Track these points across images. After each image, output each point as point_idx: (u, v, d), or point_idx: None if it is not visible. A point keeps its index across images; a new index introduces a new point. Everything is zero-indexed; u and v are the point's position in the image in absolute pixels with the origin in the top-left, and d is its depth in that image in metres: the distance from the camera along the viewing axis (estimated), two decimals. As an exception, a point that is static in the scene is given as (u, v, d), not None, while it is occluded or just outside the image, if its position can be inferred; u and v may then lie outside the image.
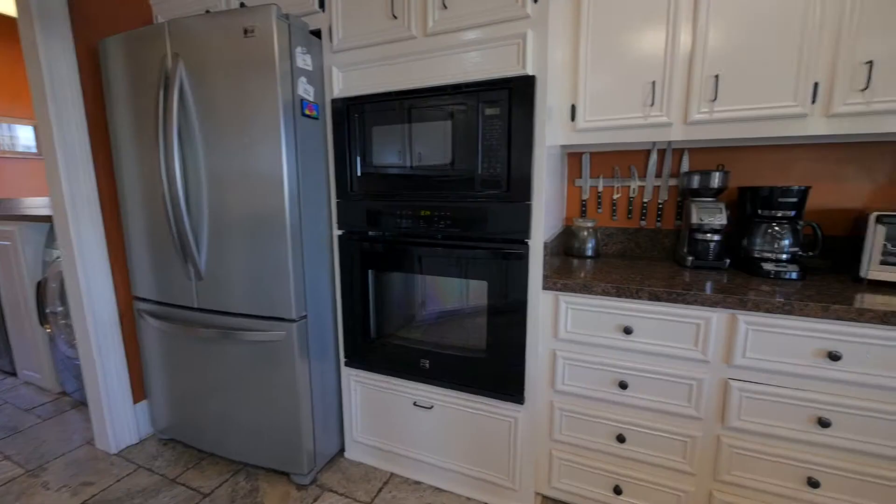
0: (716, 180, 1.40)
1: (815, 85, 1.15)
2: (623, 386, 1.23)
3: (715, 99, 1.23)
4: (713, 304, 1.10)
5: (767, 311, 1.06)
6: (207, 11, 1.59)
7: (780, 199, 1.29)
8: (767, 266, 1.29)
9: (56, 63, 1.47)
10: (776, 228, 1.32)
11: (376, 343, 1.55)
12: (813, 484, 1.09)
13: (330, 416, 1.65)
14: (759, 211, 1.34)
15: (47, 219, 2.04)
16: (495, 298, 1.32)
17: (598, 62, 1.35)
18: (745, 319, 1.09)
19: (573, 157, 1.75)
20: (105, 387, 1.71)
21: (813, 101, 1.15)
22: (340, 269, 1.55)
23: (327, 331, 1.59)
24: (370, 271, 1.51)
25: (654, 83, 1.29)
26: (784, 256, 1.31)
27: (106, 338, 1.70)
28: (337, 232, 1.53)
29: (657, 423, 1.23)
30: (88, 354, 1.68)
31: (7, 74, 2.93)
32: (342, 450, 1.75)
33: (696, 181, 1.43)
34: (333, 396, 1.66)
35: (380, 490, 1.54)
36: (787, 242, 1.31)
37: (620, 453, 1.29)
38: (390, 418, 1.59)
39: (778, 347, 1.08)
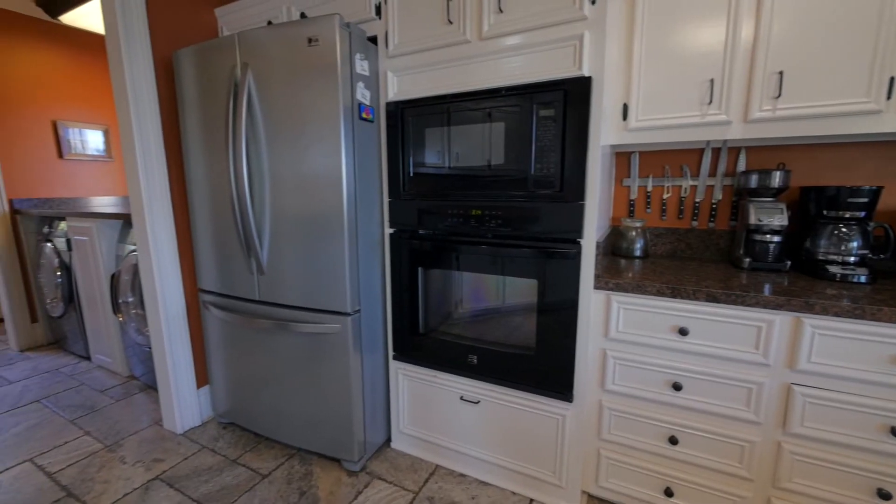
0: (776, 180, 1.35)
1: (892, 80, 1.09)
2: (677, 387, 1.22)
3: (779, 96, 1.20)
4: (776, 306, 1.08)
5: (836, 314, 1.02)
6: (269, 22, 1.69)
7: (849, 200, 1.24)
8: (833, 269, 1.24)
9: (137, 73, 1.61)
10: (843, 230, 1.27)
11: (424, 338, 1.60)
12: (884, 496, 1.04)
13: (378, 408, 1.71)
14: (825, 211, 1.29)
15: (120, 216, 2.22)
16: (546, 297, 1.33)
17: (653, 60, 1.33)
18: (811, 323, 1.06)
19: (621, 157, 1.73)
20: (173, 372, 1.85)
21: (888, 97, 1.10)
22: (391, 266, 1.61)
23: (377, 325, 1.65)
24: (420, 268, 1.56)
25: (712, 80, 1.27)
26: (852, 259, 1.26)
27: (175, 327, 1.84)
28: (388, 230, 1.59)
29: (713, 426, 1.21)
30: (159, 342, 1.82)
31: (79, 83, 3.18)
32: (388, 440, 1.82)
33: (754, 180, 1.39)
34: (381, 388, 1.72)
35: (426, 480, 1.59)
36: (855, 244, 1.26)
37: (672, 455, 1.28)
38: (436, 411, 1.64)
39: (847, 353, 1.04)
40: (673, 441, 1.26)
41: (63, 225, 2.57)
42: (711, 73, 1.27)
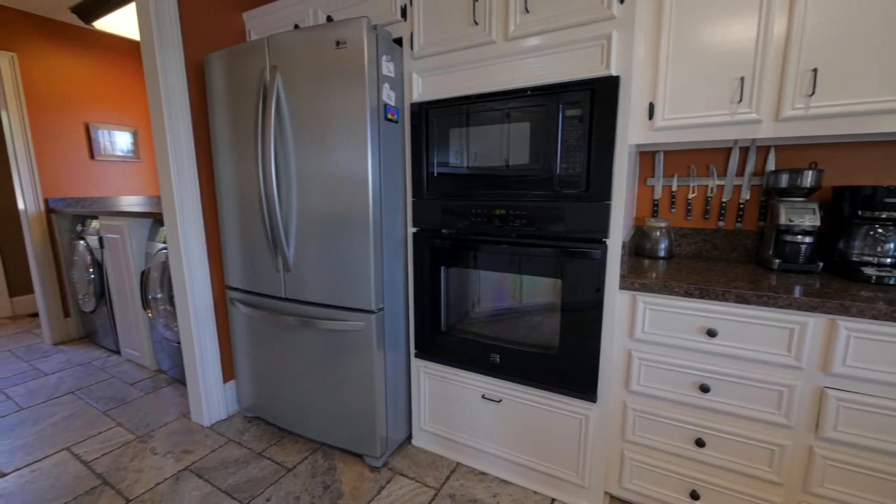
0: (808, 179, 1.32)
1: (933, 76, 1.06)
2: (704, 389, 1.21)
3: (812, 94, 1.17)
4: (810, 308, 1.06)
5: (873, 317, 1.00)
6: (296, 26, 1.73)
7: (886, 200, 1.21)
8: (868, 270, 1.21)
9: (170, 76, 1.66)
10: (880, 231, 1.24)
11: (446, 336, 1.61)
12: (923, 504, 1.02)
13: (399, 404, 1.73)
14: (860, 212, 1.26)
15: (150, 215, 2.29)
16: (570, 297, 1.33)
17: (680, 58, 1.32)
18: (846, 326, 1.04)
19: (645, 156, 1.72)
20: (201, 367, 1.91)
21: (930, 94, 1.07)
22: (413, 264, 1.63)
23: (399, 323, 1.68)
24: (442, 267, 1.58)
25: (742, 78, 1.25)
26: (888, 260, 1.23)
27: (203, 323, 1.89)
28: (412, 230, 1.61)
29: (741, 429, 1.20)
30: (189, 337, 1.88)
31: (110, 86, 3.29)
32: (409, 437, 1.84)
33: (784, 180, 1.37)
34: (403, 385, 1.74)
35: (447, 478, 1.61)
36: (891, 246, 1.23)
37: (699, 458, 1.27)
38: (457, 409, 1.65)
39: (885, 357, 1.02)
40: (700, 443, 1.25)
41: (95, 223, 2.67)
42: (742, 71, 1.25)
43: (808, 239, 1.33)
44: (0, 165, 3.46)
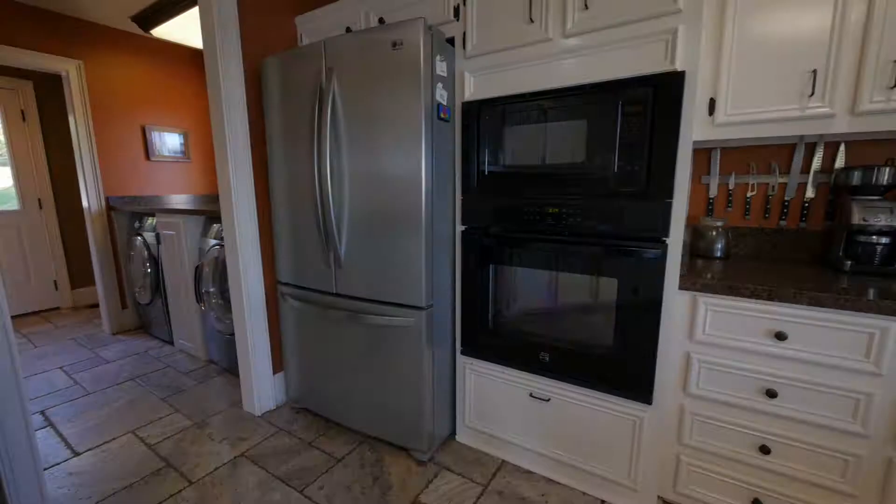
0: (885, 176, 1.25)
1: None
2: (771, 394, 1.16)
3: (895, 86, 1.11)
4: (893, 312, 1.00)
5: (967, 323, 0.94)
6: (348, 29, 1.77)
7: (978, 198, 1.13)
8: (955, 273, 1.14)
9: (230, 82, 1.74)
10: (969, 231, 1.16)
11: (493, 334, 1.62)
12: None
13: (444, 400, 1.75)
14: (946, 211, 1.18)
15: (204, 213, 2.41)
16: (626, 296, 1.31)
17: (745, 51, 1.27)
18: (935, 331, 0.98)
19: (700, 153, 1.67)
20: (254, 358, 1.99)
21: None
22: (462, 262, 1.64)
23: (446, 320, 1.69)
24: (491, 265, 1.58)
25: (814, 71, 1.19)
26: (979, 263, 1.15)
27: (255, 316, 1.97)
28: (460, 228, 1.63)
29: (812, 437, 1.15)
30: (242, 329, 1.96)
31: (164, 90, 3.48)
32: (453, 433, 1.85)
33: (856, 177, 1.30)
34: (447, 382, 1.76)
35: (494, 474, 1.62)
36: (983, 247, 1.14)
37: (763, 465, 1.22)
38: (503, 407, 1.65)
39: (980, 365, 0.95)
40: (764, 450, 1.21)
41: (152, 220, 2.82)
42: (814, 63, 1.19)
43: (884, 239, 1.26)
44: (67, 166, 3.71)
